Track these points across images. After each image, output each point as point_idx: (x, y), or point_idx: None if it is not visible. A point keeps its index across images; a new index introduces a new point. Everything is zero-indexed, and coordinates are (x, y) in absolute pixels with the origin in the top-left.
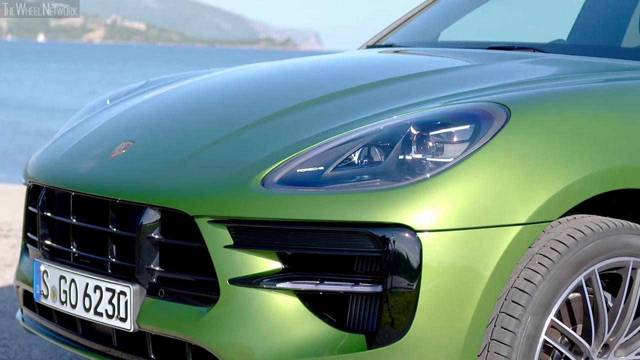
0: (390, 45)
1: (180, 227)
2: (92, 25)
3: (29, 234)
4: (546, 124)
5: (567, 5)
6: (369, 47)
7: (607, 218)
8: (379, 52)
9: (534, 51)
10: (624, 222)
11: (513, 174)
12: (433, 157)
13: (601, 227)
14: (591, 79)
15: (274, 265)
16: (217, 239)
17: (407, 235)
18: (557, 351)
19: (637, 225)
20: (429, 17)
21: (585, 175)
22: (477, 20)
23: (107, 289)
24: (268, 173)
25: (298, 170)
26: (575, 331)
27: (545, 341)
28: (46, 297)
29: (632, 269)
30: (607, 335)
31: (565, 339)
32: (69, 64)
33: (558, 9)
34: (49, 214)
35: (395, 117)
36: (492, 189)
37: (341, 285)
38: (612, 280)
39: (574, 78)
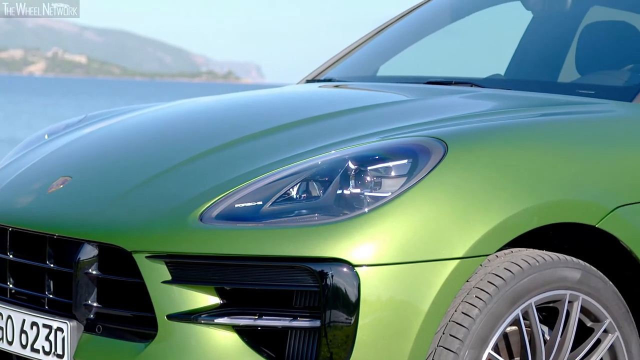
0: (330, 80)
1: (118, 262)
2: (32, 58)
3: None
4: (484, 158)
5: (505, 40)
6: (308, 81)
7: (544, 251)
8: (319, 86)
9: (472, 86)
10: (560, 255)
11: (450, 208)
12: (371, 192)
13: (538, 261)
14: (528, 113)
15: (212, 300)
16: (155, 274)
17: (345, 269)
18: None
19: (573, 258)
20: (368, 51)
21: (522, 209)
22: (415, 55)
23: (44, 326)
24: (206, 208)
25: (236, 205)
26: None
27: None
28: None
29: (569, 302)
30: None
31: None
32: (6, 96)
33: (496, 43)
34: None
35: (333, 151)
36: (429, 223)
37: (279, 320)
38: (549, 314)
39: (511, 113)
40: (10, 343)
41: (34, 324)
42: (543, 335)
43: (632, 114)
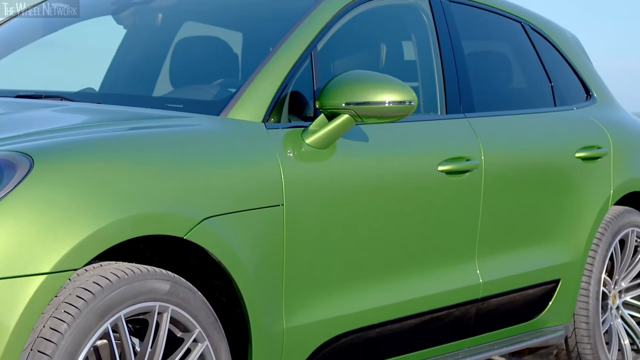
0: None
1: None
2: None
3: None
4: (72, 172)
5: (102, 54)
6: None
7: (133, 264)
8: None
9: (62, 100)
10: (150, 267)
11: (38, 223)
12: None
13: (127, 274)
14: (117, 127)
15: None
16: None
17: None
18: None
19: (163, 270)
20: None
21: (111, 222)
22: (6, 68)
23: None
24: None
25: None
26: None
27: None
28: None
29: (158, 313)
30: None
31: None
32: None
33: (92, 57)
34: None
35: None
36: (15, 239)
37: None
38: (142, 326)
39: (100, 127)
40: None
41: None
42: (134, 348)
43: (217, 128)
